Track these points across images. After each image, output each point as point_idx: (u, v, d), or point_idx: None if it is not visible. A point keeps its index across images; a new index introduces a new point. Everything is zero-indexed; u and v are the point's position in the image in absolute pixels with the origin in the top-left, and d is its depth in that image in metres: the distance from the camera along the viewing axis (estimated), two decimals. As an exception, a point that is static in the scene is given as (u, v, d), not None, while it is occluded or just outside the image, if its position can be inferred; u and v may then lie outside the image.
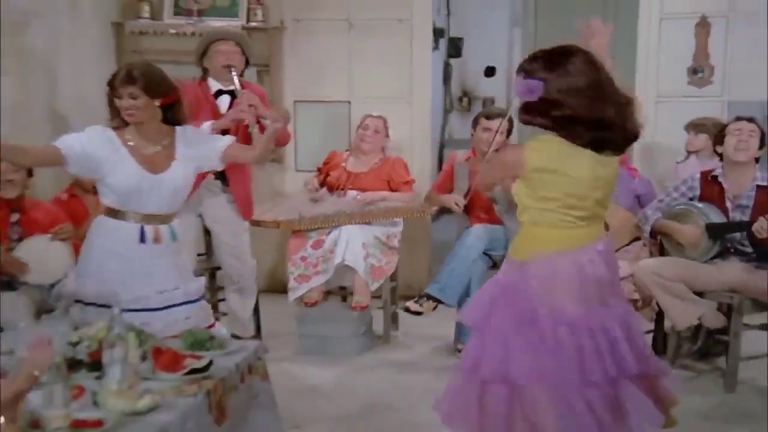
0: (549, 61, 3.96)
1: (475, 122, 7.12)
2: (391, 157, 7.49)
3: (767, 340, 6.26)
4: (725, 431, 5.61)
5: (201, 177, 5.99)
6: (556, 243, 3.99)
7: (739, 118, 6.23)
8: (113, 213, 4.76)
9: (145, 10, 8.35)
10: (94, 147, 4.66)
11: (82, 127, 4.75)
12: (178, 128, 4.83)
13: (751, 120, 6.17)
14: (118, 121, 4.73)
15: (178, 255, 4.94)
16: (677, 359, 6.45)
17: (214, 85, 6.31)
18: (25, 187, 5.96)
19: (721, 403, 6.01)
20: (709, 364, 6.63)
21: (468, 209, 7.04)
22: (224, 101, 6.31)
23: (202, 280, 5.14)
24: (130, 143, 4.70)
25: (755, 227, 5.85)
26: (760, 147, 6.13)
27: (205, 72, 6.40)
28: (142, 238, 4.74)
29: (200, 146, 4.83)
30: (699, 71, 7.86)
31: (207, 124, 5.81)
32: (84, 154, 4.64)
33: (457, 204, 6.93)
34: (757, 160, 6.17)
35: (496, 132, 6.62)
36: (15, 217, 5.91)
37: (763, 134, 6.14)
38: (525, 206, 4.05)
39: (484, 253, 6.71)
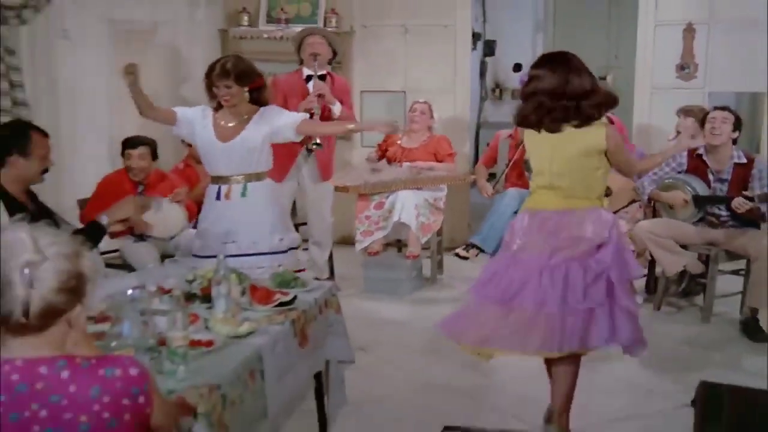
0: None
1: (503, 94, 6.93)
2: (437, 135, 7.48)
3: (737, 282, 6.23)
4: (702, 354, 5.64)
5: (297, 150, 6.07)
6: None
7: (715, 108, 6.18)
8: (211, 178, 4.94)
9: (245, 19, 8.38)
10: (194, 117, 4.86)
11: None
12: (262, 108, 4.87)
13: (724, 109, 6.10)
14: (215, 103, 4.84)
15: (262, 213, 4.95)
16: (665, 298, 6.47)
17: (305, 72, 6.32)
18: (149, 170, 6.03)
19: (699, 332, 6.07)
20: (689, 301, 6.62)
21: (506, 176, 7.06)
22: (312, 84, 6.31)
23: (294, 236, 5.16)
24: (218, 118, 4.82)
25: (734, 204, 5.84)
26: (735, 130, 6.05)
27: (301, 62, 6.42)
28: (218, 196, 4.83)
29: (274, 120, 4.84)
30: (686, 67, 7.82)
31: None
32: (186, 120, 4.85)
33: (487, 193, 7.13)
34: (734, 141, 6.11)
35: None
36: (140, 188, 6.00)
37: (737, 119, 6.06)
38: None
39: (514, 213, 6.70)
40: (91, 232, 4.18)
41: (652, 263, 6.61)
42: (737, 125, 6.05)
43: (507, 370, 5.32)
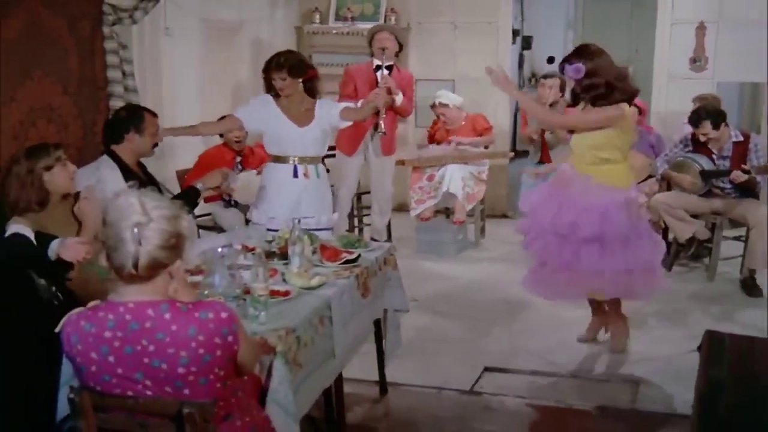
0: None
1: (537, 83, 6.80)
2: (472, 114, 7.35)
3: (738, 247, 6.13)
4: (707, 307, 5.58)
5: (365, 129, 6.06)
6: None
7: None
8: (275, 159, 4.80)
9: (316, 17, 8.35)
10: (257, 110, 4.75)
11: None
12: (318, 100, 4.80)
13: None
14: (273, 93, 4.75)
15: (326, 192, 4.93)
16: (676, 260, 6.41)
17: (375, 62, 6.28)
18: (245, 139, 6.09)
19: (704, 288, 6.00)
20: (698, 263, 6.52)
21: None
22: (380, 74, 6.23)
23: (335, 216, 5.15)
24: (283, 107, 4.71)
25: (733, 176, 5.80)
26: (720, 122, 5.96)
27: (372, 54, 6.40)
28: (295, 174, 4.77)
29: (328, 110, 4.77)
30: (697, 60, 7.70)
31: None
32: (252, 118, 4.75)
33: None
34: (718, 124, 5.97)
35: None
36: (238, 158, 6.07)
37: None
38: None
39: None
40: (189, 196, 4.25)
41: (665, 231, 6.55)
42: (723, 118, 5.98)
43: (539, 318, 5.33)
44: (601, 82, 4.21)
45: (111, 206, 2.19)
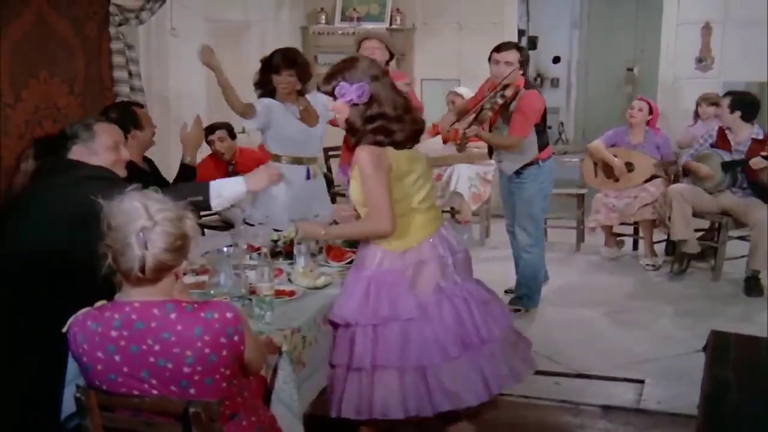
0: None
1: (489, 59, 5.08)
2: None
3: (744, 247, 6.10)
4: (712, 307, 5.57)
5: None
6: None
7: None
8: (292, 160, 4.67)
9: (322, 17, 8.38)
10: (270, 106, 4.60)
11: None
12: (308, 96, 4.72)
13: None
14: (262, 93, 4.65)
15: (324, 191, 4.95)
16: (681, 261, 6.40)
17: None
18: (233, 148, 6.09)
19: (710, 288, 6.00)
20: (703, 263, 6.49)
21: None
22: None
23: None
24: (293, 109, 4.62)
25: (752, 162, 5.78)
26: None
27: None
28: (308, 176, 4.72)
29: (321, 102, 4.54)
30: (703, 60, 7.70)
31: None
32: (265, 111, 4.56)
33: None
34: None
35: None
36: (231, 167, 6.06)
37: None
38: None
39: None
40: (188, 176, 4.31)
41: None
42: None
43: (544, 317, 5.32)
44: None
45: (116, 211, 2.19)
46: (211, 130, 5.93)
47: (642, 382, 4.33)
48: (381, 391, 3.09)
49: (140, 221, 2.16)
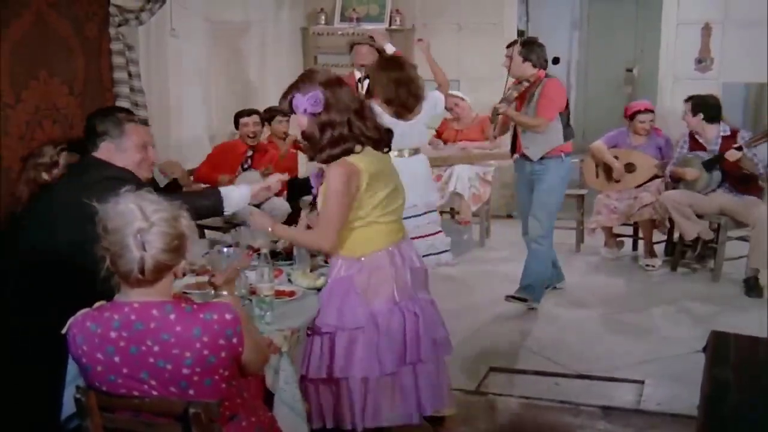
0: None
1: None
2: (480, 115, 7.39)
3: (743, 247, 6.10)
4: (712, 308, 5.56)
5: None
6: None
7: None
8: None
9: (322, 18, 8.35)
10: None
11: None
12: None
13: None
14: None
15: None
16: (681, 260, 6.41)
17: (357, 74, 6.27)
18: (260, 134, 6.22)
19: (710, 290, 5.98)
20: (702, 264, 6.50)
21: None
22: (365, 85, 6.22)
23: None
24: None
25: (727, 154, 5.90)
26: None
27: (353, 65, 6.44)
28: None
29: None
30: (703, 61, 7.67)
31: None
32: None
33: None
34: None
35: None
36: (249, 152, 6.14)
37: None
38: None
39: None
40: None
41: (670, 230, 6.56)
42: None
43: (545, 318, 5.32)
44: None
45: (111, 213, 2.18)
46: (246, 113, 6.16)
47: (642, 382, 4.32)
48: (343, 399, 3.15)
49: (137, 223, 2.15)
